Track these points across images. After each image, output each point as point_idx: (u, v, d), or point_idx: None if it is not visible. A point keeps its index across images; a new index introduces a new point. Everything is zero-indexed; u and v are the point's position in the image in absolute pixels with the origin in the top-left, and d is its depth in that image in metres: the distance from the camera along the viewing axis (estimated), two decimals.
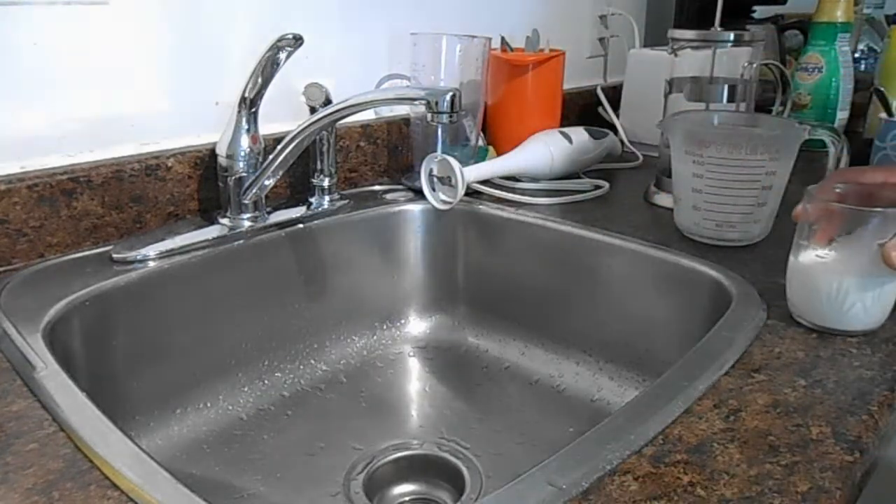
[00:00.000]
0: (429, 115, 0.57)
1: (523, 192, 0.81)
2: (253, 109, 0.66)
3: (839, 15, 1.00)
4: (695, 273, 0.62)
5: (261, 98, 0.65)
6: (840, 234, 0.49)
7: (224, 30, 0.71)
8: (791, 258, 0.53)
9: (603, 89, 1.13)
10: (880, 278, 0.48)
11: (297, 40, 0.62)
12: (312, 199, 0.76)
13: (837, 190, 0.52)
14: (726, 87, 0.77)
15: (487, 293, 0.78)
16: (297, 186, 0.79)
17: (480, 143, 0.91)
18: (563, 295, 0.72)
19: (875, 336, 0.50)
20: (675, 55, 0.79)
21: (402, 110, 0.89)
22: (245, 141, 0.66)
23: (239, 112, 0.65)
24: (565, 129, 0.87)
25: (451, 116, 0.57)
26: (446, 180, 0.76)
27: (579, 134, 0.88)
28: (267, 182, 0.67)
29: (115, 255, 0.60)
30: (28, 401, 0.41)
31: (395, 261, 0.79)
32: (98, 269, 0.58)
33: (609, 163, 0.94)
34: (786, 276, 0.53)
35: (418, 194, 0.79)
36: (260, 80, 0.64)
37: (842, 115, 1.03)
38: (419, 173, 0.77)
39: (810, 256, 0.51)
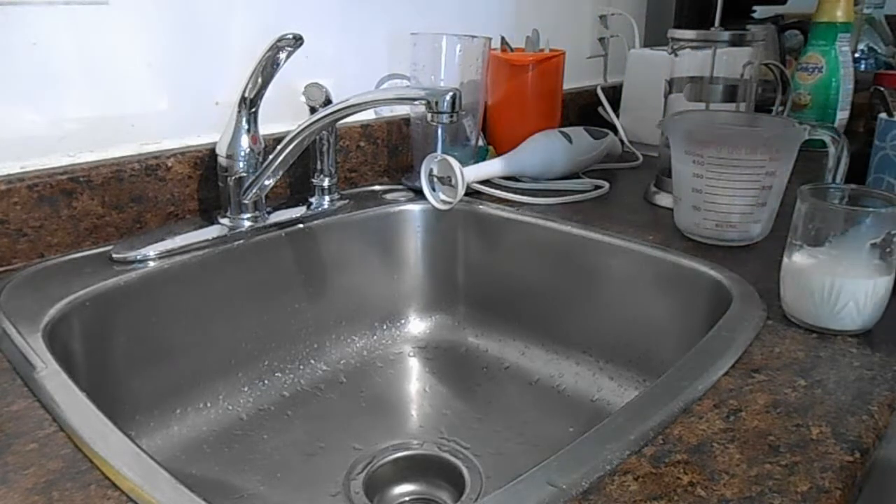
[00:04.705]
0: (429, 115, 0.57)
1: (523, 192, 0.81)
2: (253, 109, 0.66)
3: (839, 15, 1.00)
4: (695, 273, 0.62)
5: (261, 98, 0.65)
6: (833, 233, 0.49)
7: (224, 30, 0.71)
8: (784, 258, 0.53)
9: (603, 89, 1.13)
10: (873, 278, 0.49)
11: (297, 40, 0.62)
12: (312, 199, 0.76)
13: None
14: (726, 87, 0.77)
15: (487, 293, 0.78)
16: (297, 186, 0.79)
17: (480, 143, 0.91)
18: (563, 295, 0.72)
19: (875, 336, 0.50)
20: (675, 55, 0.79)
21: (402, 110, 0.89)
22: (245, 141, 0.66)
23: (239, 112, 0.65)
24: (565, 129, 0.87)
25: (451, 116, 0.57)
26: (446, 180, 0.76)
27: (579, 134, 0.88)
28: (267, 182, 0.67)
29: (115, 255, 0.60)
30: (28, 401, 0.41)
31: (395, 261, 0.79)
32: (98, 269, 0.58)
33: (609, 163, 0.94)
34: (780, 275, 0.53)
35: (418, 194, 0.79)
36: (260, 80, 0.64)
37: (842, 115, 1.03)
38: (419, 173, 0.77)
39: (803, 256, 0.51)
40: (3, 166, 0.59)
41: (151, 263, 0.60)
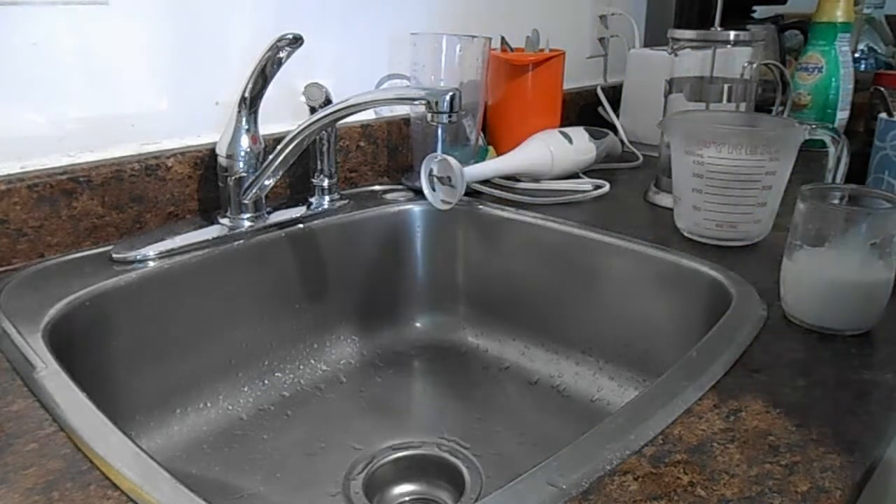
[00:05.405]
0: (429, 115, 0.57)
1: (523, 192, 0.81)
2: (253, 109, 0.66)
3: (839, 15, 1.00)
4: (695, 273, 0.62)
5: (261, 98, 0.65)
6: (833, 233, 0.49)
7: (224, 30, 0.71)
8: (784, 258, 0.53)
9: (603, 89, 1.13)
10: (873, 278, 0.49)
11: (297, 40, 0.62)
12: (312, 199, 0.76)
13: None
14: (726, 87, 0.77)
15: (487, 293, 0.78)
16: (297, 186, 0.79)
17: (480, 143, 0.91)
18: (564, 295, 0.72)
19: (875, 336, 0.50)
20: (675, 55, 0.79)
21: (402, 110, 0.89)
22: (245, 141, 0.66)
23: (239, 112, 0.65)
24: (565, 129, 0.87)
25: (451, 116, 0.57)
26: (446, 180, 0.76)
27: (579, 134, 0.88)
28: (267, 182, 0.67)
29: (115, 255, 0.60)
30: (28, 401, 0.41)
31: (395, 261, 0.79)
32: (98, 269, 0.58)
33: (609, 163, 0.94)
34: (780, 275, 0.53)
35: (418, 194, 0.79)
36: (260, 80, 0.64)
37: (842, 115, 1.03)
38: (419, 173, 0.77)
39: (803, 256, 0.51)
40: (3, 166, 0.59)
41: (151, 263, 0.60)
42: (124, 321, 0.57)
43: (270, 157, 0.65)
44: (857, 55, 1.21)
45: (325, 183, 0.76)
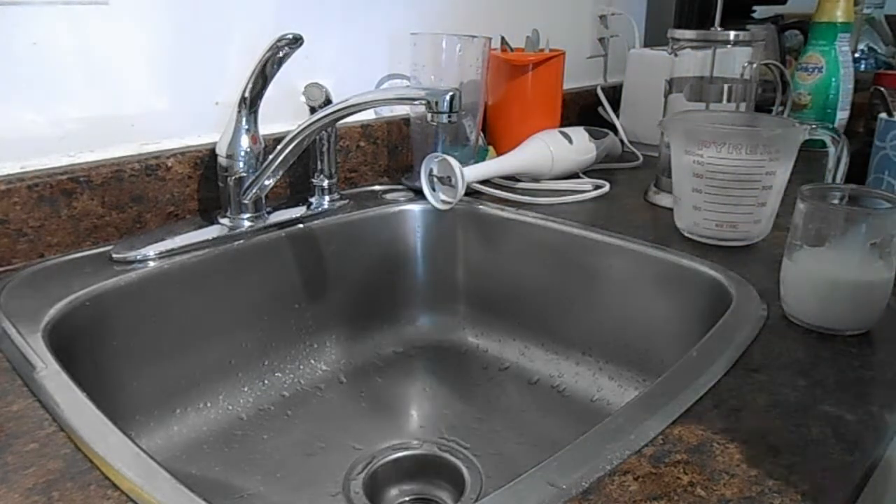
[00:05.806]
0: (429, 115, 0.57)
1: (523, 192, 0.81)
2: (253, 109, 0.66)
3: (839, 15, 1.00)
4: (695, 273, 0.62)
5: (261, 98, 0.65)
6: (833, 233, 0.49)
7: (224, 30, 0.71)
8: (784, 258, 0.53)
9: (603, 89, 1.13)
10: (873, 278, 0.49)
11: (297, 40, 0.62)
12: (312, 199, 0.76)
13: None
14: (726, 87, 0.77)
15: (487, 293, 0.78)
16: (297, 186, 0.79)
17: (480, 143, 0.91)
18: (563, 295, 0.72)
19: (875, 336, 0.50)
20: (675, 55, 0.79)
21: (402, 110, 0.89)
22: (245, 141, 0.66)
23: (239, 112, 0.65)
24: (565, 129, 0.87)
25: (450, 116, 0.57)
26: (446, 180, 0.76)
27: (579, 134, 0.88)
28: (267, 182, 0.67)
29: (115, 255, 0.60)
30: (28, 401, 0.41)
31: (395, 261, 0.79)
32: (98, 269, 0.58)
33: (609, 163, 0.94)
34: (780, 275, 0.53)
35: (418, 194, 0.79)
36: (260, 80, 0.64)
37: (842, 115, 1.03)
38: (419, 173, 0.77)
39: (803, 256, 0.51)
40: (3, 166, 0.59)
41: (151, 263, 0.60)
42: (124, 321, 0.57)
43: (270, 157, 0.65)
44: (857, 55, 1.21)
45: (325, 183, 0.76)
